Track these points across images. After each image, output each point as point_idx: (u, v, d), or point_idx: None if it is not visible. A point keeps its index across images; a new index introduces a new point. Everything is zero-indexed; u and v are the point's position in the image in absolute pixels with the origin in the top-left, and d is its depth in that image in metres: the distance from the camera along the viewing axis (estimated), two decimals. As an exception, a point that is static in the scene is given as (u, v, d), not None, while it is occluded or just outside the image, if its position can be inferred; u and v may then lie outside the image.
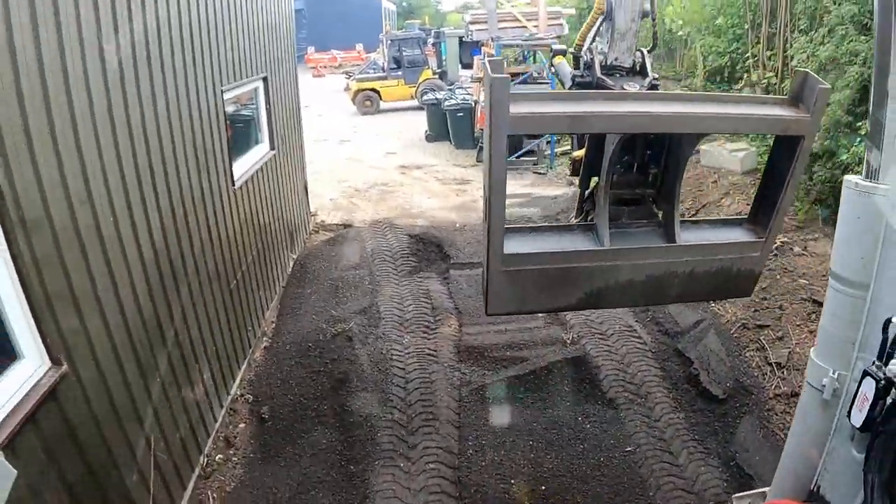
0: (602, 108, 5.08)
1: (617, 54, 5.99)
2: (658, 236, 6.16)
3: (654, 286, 6.06)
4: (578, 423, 8.67)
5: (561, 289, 5.98)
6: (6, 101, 4.66)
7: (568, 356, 9.80)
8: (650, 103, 5.25)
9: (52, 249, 5.24)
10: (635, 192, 6.27)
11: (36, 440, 4.99)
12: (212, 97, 8.92)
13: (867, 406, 3.15)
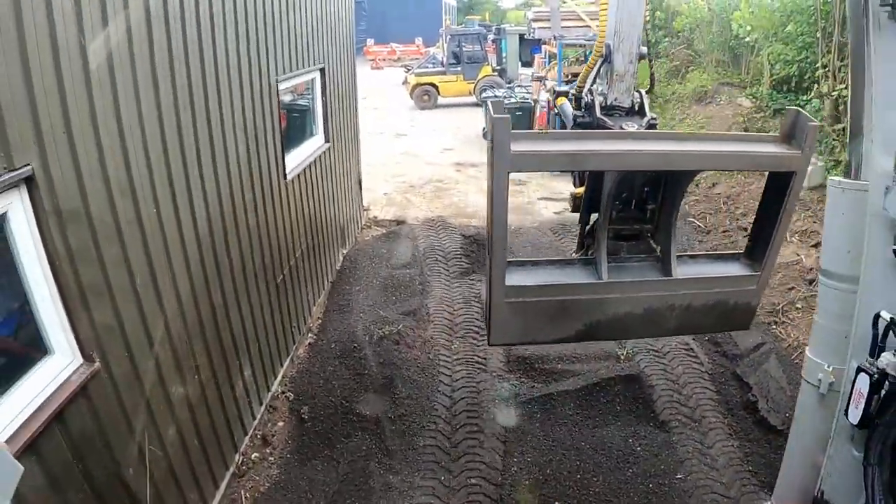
0: (600, 146, 5.38)
1: (616, 95, 6.29)
2: (656, 270, 6.38)
3: (653, 319, 6.32)
4: (628, 444, 8.24)
5: (561, 320, 6.24)
6: (43, 81, 4.42)
7: (621, 373, 9.36)
8: (647, 142, 5.49)
9: (89, 242, 5.02)
10: (634, 227, 6.50)
11: (62, 439, 4.78)
12: (266, 87, 8.68)
13: (863, 402, 3.22)
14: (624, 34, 6.07)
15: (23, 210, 4.44)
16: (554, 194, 18.34)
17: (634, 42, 6.13)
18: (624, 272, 6.31)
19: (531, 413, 8.76)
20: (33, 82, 4.29)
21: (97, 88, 4.98)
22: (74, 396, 4.86)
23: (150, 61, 5.80)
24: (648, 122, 6.23)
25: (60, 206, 4.64)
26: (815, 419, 4.05)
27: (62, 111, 4.61)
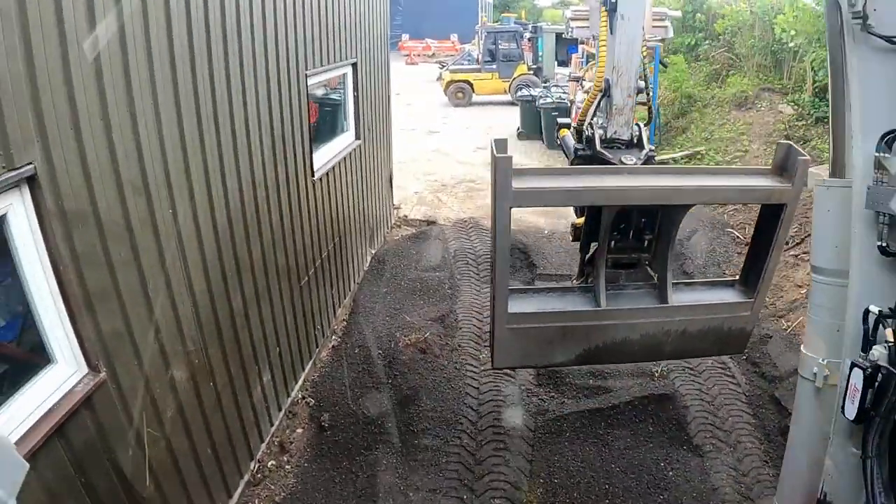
0: (596, 183, 5.69)
1: (615, 128, 6.45)
2: (652, 297, 6.55)
3: (649, 344, 6.54)
4: (660, 468, 7.84)
5: (561, 345, 6.49)
6: (48, 72, 4.13)
7: (655, 392, 8.93)
8: (642, 178, 5.78)
9: (97, 245, 4.72)
10: (632, 256, 6.68)
11: (64, 453, 4.51)
12: (294, 81, 8.37)
13: (858, 396, 3.27)
14: (622, 69, 6.30)
15: (24, 211, 4.16)
16: (588, 198, 17.90)
17: (632, 77, 6.36)
18: (622, 299, 6.53)
19: (560, 430, 8.38)
20: (37, 73, 3.99)
21: (109, 80, 4.67)
22: (78, 408, 4.58)
23: (169, 51, 5.50)
24: (646, 154, 6.40)
25: (65, 207, 4.35)
26: (812, 415, 4.09)
27: (69, 105, 4.30)
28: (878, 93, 3.28)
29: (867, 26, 3.18)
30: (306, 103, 8.87)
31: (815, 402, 4.03)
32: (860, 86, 3.33)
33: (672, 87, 22.48)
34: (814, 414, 4.09)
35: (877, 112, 3.29)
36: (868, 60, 3.28)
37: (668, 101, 22.38)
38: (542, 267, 12.88)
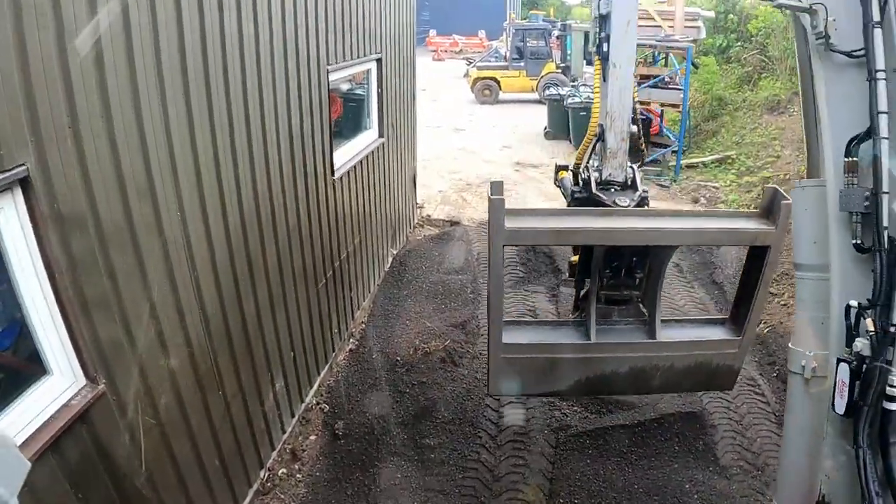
0: (584, 224, 6.00)
1: (610, 171, 6.73)
2: (642, 333, 6.79)
3: (638, 378, 6.79)
4: (685, 491, 7.49)
5: (553, 376, 6.75)
6: (44, 66, 3.86)
7: (682, 409, 8.60)
8: (629, 219, 6.10)
9: (96, 250, 4.47)
10: (623, 293, 6.93)
11: (59, 469, 4.27)
12: (315, 76, 8.10)
13: (846, 390, 3.41)
14: (615, 115, 6.56)
15: (16, 215, 3.91)
16: (617, 200, 17.56)
17: (625, 122, 6.62)
18: (612, 334, 6.77)
19: (582, 447, 8.05)
20: (31, 67, 3.73)
21: (112, 76, 4.40)
22: (74, 422, 4.35)
23: (179, 42, 5.24)
24: (640, 196, 6.68)
25: (61, 211, 4.09)
26: (804, 408, 4.19)
27: (67, 102, 4.04)
28: (842, 102, 3.53)
29: (829, 45, 3.51)
30: (327, 99, 8.60)
31: (805, 395, 4.13)
32: (827, 97, 3.61)
33: (703, 90, 22.10)
34: (805, 407, 4.18)
35: (843, 120, 3.53)
36: (832, 74, 3.57)
37: (699, 104, 22.00)
38: (567, 272, 12.54)
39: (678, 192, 18.41)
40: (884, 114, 3.26)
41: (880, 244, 3.27)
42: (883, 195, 3.26)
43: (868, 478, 3.30)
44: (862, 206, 3.36)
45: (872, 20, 3.27)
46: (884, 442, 3.33)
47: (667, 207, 16.84)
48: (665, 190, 18.67)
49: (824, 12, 3.49)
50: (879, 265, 3.27)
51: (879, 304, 3.27)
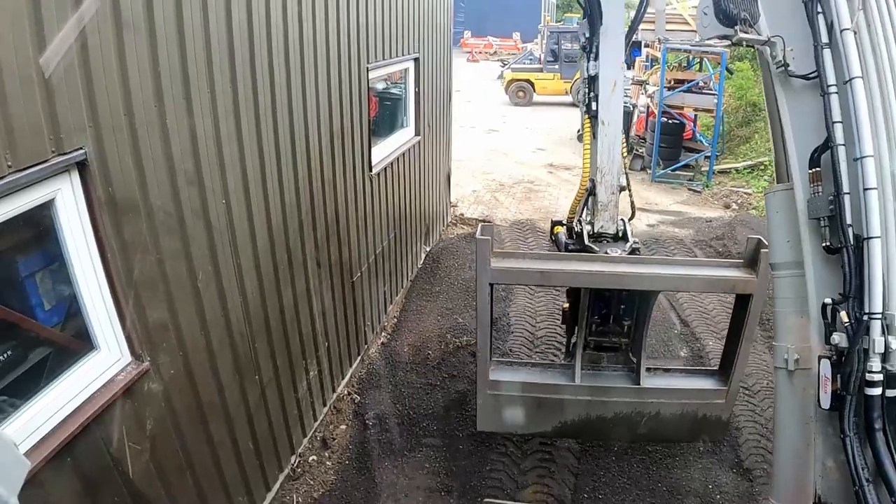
0: (564, 266, 6.39)
1: (601, 223, 7.01)
2: (628, 379, 6.99)
3: (623, 423, 7.09)
4: (707, 492, 7.54)
5: (538, 416, 7.12)
6: (102, 56, 4.05)
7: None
8: (613, 265, 6.37)
9: (146, 234, 4.66)
10: (612, 340, 7.14)
11: (102, 443, 4.45)
12: (355, 74, 8.26)
13: (829, 384, 3.54)
14: (605, 170, 6.90)
15: (73, 197, 4.09)
16: (649, 204, 17.56)
17: (615, 176, 6.94)
18: (598, 378, 7.03)
19: (608, 445, 8.11)
20: (90, 57, 3.92)
21: (165, 68, 4.59)
22: (118, 397, 4.53)
23: (228, 39, 5.42)
24: (631, 246, 6.92)
25: (115, 195, 4.28)
26: (791, 401, 4.26)
27: (123, 91, 4.23)
28: (803, 120, 3.79)
29: (788, 71, 3.79)
30: (367, 97, 8.76)
31: (791, 388, 4.19)
32: (790, 116, 3.87)
33: (737, 95, 21.99)
34: (792, 399, 4.25)
35: (805, 135, 3.77)
36: (792, 96, 3.84)
37: (733, 109, 21.89)
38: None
39: (710, 198, 18.38)
40: (838, 123, 3.49)
41: (846, 241, 3.45)
42: (844, 196, 3.47)
43: (857, 465, 3.40)
44: (827, 211, 3.58)
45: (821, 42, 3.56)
46: (869, 428, 3.43)
47: (698, 212, 16.87)
48: (697, 195, 18.66)
49: (782, 43, 3.78)
50: (847, 260, 3.45)
51: (851, 297, 3.44)
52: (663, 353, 9.87)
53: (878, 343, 3.35)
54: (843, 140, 3.49)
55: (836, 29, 3.53)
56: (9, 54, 3.37)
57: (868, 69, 3.50)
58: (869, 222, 3.37)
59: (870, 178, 3.36)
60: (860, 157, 3.40)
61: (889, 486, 3.31)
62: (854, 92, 3.44)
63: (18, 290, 4.32)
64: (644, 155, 20.97)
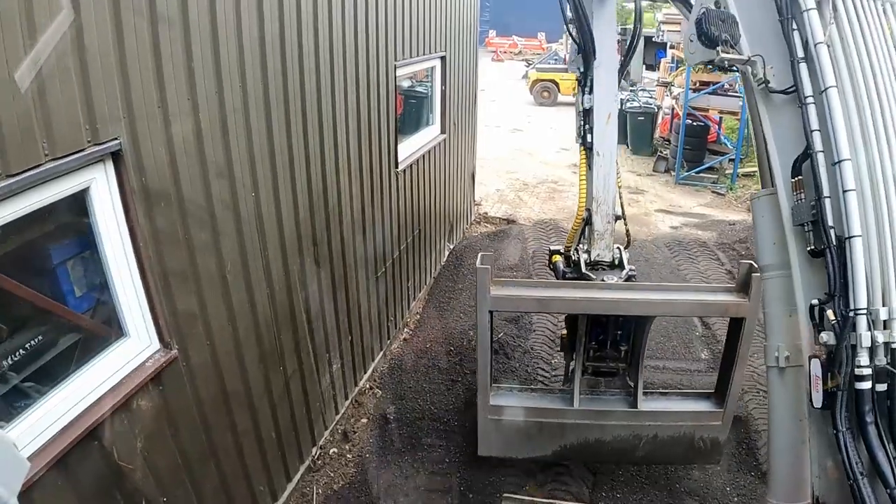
0: (562, 294, 6.59)
1: (598, 252, 7.11)
2: (626, 403, 7.11)
3: (621, 446, 7.14)
4: (726, 493, 7.56)
5: (538, 439, 7.19)
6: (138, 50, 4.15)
7: (728, 413, 8.57)
8: (608, 291, 6.54)
9: (178, 224, 4.76)
10: (610, 365, 7.25)
11: (129, 427, 4.55)
12: (383, 71, 8.34)
13: (820, 383, 3.59)
14: (600, 200, 7.01)
15: (107, 186, 4.19)
16: (672, 207, 17.54)
17: (610, 206, 7.05)
18: (596, 402, 7.13)
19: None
20: (126, 50, 4.01)
21: (198, 62, 4.69)
22: (147, 383, 4.63)
23: (260, 35, 5.51)
24: (627, 274, 7.08)
25: (148, 185, 4.37)
26: (784, 399, 4.32)
27: (157, 83, 4.33)
28: (785, 132, 3.94)
29: (769, 88, 3.95)
30: (394, 94, 8.83)
31: (783, 386, 4.28)
32: (772, 130, 4.01)
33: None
34: (785, 397, 4.32)
35: (787, 146, 3.91)
36: (774, 111, 3.99)
37: (759, 112, 21.73)
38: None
39: (733, 201, 18.30)
40: (816, 131, 3.64)
41: (829, 242, 3.57)
42: (825, 199, 3.60)
43: (850, 459, 3.43)
44: (810, 216, 3.70)
45: (797, 57, 3.71)
46: (861, 422, 3.48)
47: (721, 215, 16.80)
48: (720, 198, 18.58)
49: (762, 61, 3.96)
50: (831, 261, 3.56)
51: (837, 296, 3.54)
52: (684, 355, 9.88)
53: (865, 337, 3.45)
54: (821, 147, 3.64)
55: (810, 43, 3.70)
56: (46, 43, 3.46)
57: (842, 79, 3.68)
58: (849, 222, 3.50)
59: (848, 181, 3.51)
60: (838, 162, 3.54)
61: (883, 478, 3.36)
62: (830, 101, 3.61)
63: (51, 277, 4.41)
64: (668, 157, 20.89)
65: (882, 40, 3.86)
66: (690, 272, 12.82)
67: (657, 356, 9.81)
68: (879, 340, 3.47)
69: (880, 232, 3.58)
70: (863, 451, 3.46)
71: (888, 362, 3.50)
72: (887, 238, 3.58)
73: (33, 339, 4.23)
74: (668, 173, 20.57)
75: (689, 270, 12.89)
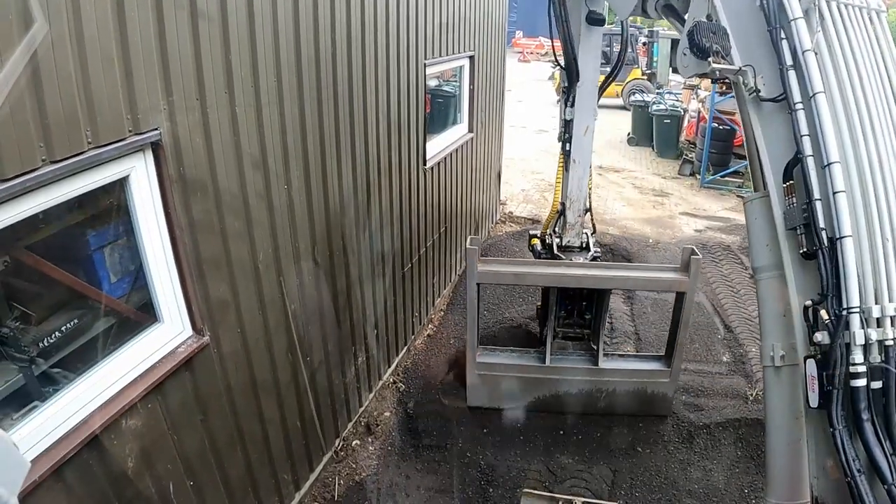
0: (535, 270, 7.99)
1: (569, 238, 8.52)
2: (591, 362, 8.35)
3: (585, 399, 8.46)
4: (744, 496, 7.57)
5: (517, 392, 8.47)
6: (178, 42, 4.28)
7: (748, 416, 8.54)
8: (574, 269, 7.81)
9: (213, 214, 4.87)
10: (577, 331, 8.64)
11: (161, 410, 4.67)
12: (413, 69, 8.42)
13: (816, 383, 3.67)
14: (574, 198, 8.29)
15: (146, 175, 4.30)
16: (697, 210, 17.50)
17: (581, 204, 8.34)
18: (565, 361, 8.40)
19: (647, 442, 8.20)
20: (167, 44, 4.14)
21: (235, 54, 4.79)
22: (179, 368, 4.75)
23: (295, 31, 5.61)
24: (592, 255, 8.45)
25: (186, 175, 4.49)
26: (780, 398, 4.39)
27: (196, 76, 4.44)
28: (776, 139, 4.06)
29: (760, 97, 4.07)
30: (423, 92, 8.91)
31: (779, 384, 4.34)
32: (764, 137, 4.13)
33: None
34: (781, 395, 4.38)
35: (778, 152, 4.03)
36: (765, 118, 4.10)
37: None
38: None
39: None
40: (806, 136, 3.74)
41: (820, 243, 3.66)
42: (816, 202, 3.69)
43: (847, 456, 3.48)
44: (802, 219, 3.80)
45: (786, 65, 3.83)
46: (857, 419, 3.53)
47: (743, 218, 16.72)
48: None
49: (752, 71, 4.07)
50: (823, 261, 3.65)
51: (829, 295, 3.62)
52: (705, 358, 9.89)
53: (859, 335, 3.52)
54: (811, 151, 3.74)
55: (798, 51, 3.81)
56: (91, 32, 3.57)
57: (830, 84, 3.80)
58: (840, 223, 3.59)
59: (838, 183, 3.60)
60: (828, 164, 3.64)
61: (880, 474, 3.41)
62: (818, 106, 3.71)
63: (88, 262, 4.53)
64: (694, 160, 20.83)
65: (868, 46, 4.01)
66: (714, 275, 12.79)
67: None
68: (873, 338, 3.54)
69: (871, 232, 3.67)
70: (860, 449, 3.51)
71: (882, 360, 3.57)
72: (877, 238, 3.66)
73: (69, 322, 4.36)
74: (693, 177, 20.49)
75: (712, 274, 12.86)
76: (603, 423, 8.43)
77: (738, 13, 4.24)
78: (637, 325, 10.79)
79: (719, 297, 11.81)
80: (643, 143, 24.32)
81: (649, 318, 11.02)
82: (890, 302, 3.62)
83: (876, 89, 3.91)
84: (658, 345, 10.06)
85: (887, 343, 3.57)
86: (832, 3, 3.98)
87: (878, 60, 4.01)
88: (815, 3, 3.91)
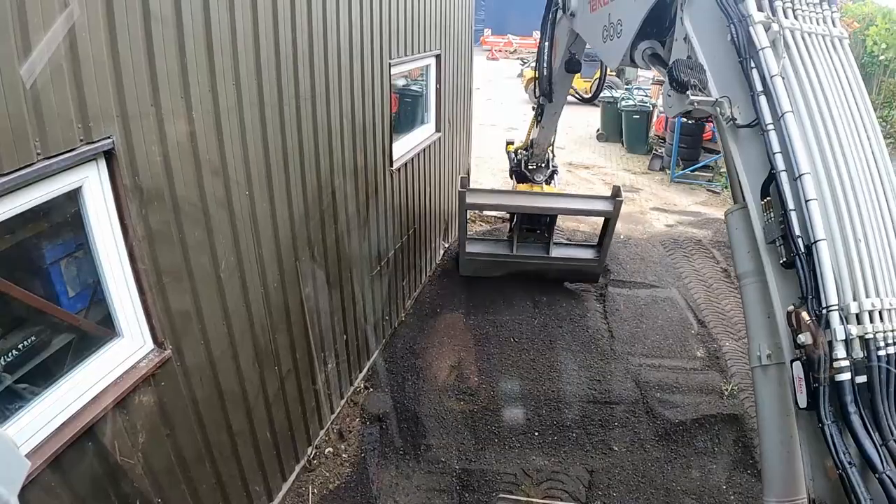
0: (510, 201, 11.24)
1: (536, 161, 11.76)
2: (544, 250, 11.28)
3: (540, 272, 11.46)
4: (721, 491, 7.58)
5: (493, 268, 11.42)
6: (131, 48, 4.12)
7: (723, 411, 8.59)
8: (534, 198, 10.91)
9: (171, 223, 4.72)
10: (535, 231, 11.31)
11: (123, 427, 4.52)
12: (378, 70, 8.29)
13: (803, 384, 3.75)
14: (540, 142, 11.13)
15: (100, 185, 4.15)
16: (668, 205, 17.54)
17: (544, 145, 11.31)
18: (526, 249, 11.28)
19: (623, 444, 8.16)
20: (119, 48, 3.98)
21: (192, 59, 4.65)
22: (140, 383, 4.61)
23: (254, 32, 5.47)
24: (551, 171, 12.00)
25: (142, 184, 4.34)
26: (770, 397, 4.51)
27: (150, 81, 4.29)
28: (752, 160, 4.26)
29: (736, 124, 4.28)
30: (389, 92, 8.79)
31: (767, 383, 4.48)
32: (741, 158, 4.34)
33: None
34: (770, 393, 4.50)
35: (755, 172, 4.24)
36: (742, 143, 4.31)
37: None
38: (615, 273, 12.56)
39: (728, 199, 18.26)
40: (778, 153, 3.93)
41: (797, 250, 3.82)
42: (791, 212, 3.85)
43: (837, 449, 3.54)
44: (780, 231, 3.99)
45: (756, 91, 4.05)
46: (844, 413, 3.60)
47: (717, 213, 16.85)
48: (716, 196, 18.61)
49: (728, 102, 4.29)
50: (801, 267, 3.80)
51: (809, 297, 3.77)
52: (679, 354, 9.89)
53: (839, 331, 3.63)
54: (783, 166, 3.92)
55: (766, 77, 4.03)
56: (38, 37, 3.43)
57: (797, 104, 4.02)
58: (814, 228, 3.76)
59: (809, 191, 3.80)
60: (799, 176, 3.83)
61: (871, 464, 3.47)
62: (787, 124, 3.93)
63: (43, 277, 4.38)
64: (663, 155, 20.89)
65: (831, 69, 4.27)
66: (686, 270, 12.81)
67: (653, 355, 9.84)
68: (854, 333, 3.66)
69: (843, 234, 3.82)
70: (850, 443, 3.57)
71: (864, 354, 3.67)
72: (850, 240, 3.82)
73: (26, 339, 4.20)
74: (663, 172, 20.56)
75: (684, 268, 12.89)
76: (579, 423, 8.39)
77: (714, 49, 4.47)
78: (610, 323, 10.76)
79: (692, 292, 11.84)
80: (613, 139, 24.37)
81: (622, 314, 11.00)
82: (867, 298, 3.75)
83: (840, 106, 4.15)
84: (632, 342, 10.08)
85: (867, 337, 3.68)
86: (796, 33, 4.22)
87: (843, 81, 4.26)
88: (780, 34, 4.15)
